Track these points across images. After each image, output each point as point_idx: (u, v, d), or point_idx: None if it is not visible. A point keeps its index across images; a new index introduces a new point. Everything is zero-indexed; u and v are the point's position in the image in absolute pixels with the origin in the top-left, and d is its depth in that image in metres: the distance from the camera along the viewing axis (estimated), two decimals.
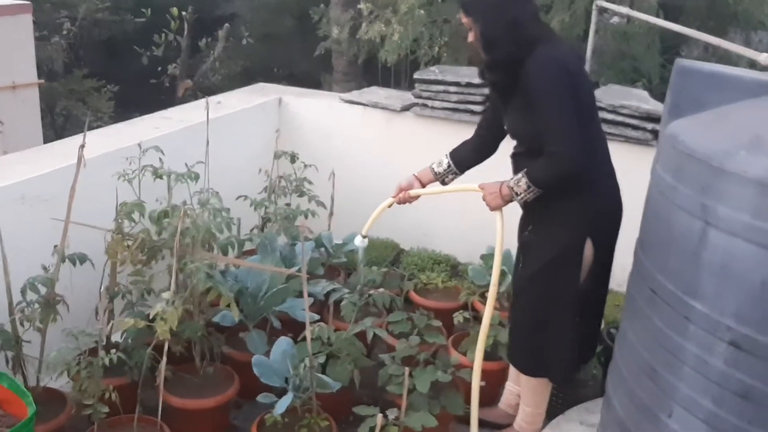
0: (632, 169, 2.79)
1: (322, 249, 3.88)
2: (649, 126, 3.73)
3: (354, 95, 4.51)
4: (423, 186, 2.95)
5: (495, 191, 2.61)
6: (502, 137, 2.84)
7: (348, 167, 4.15)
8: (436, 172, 2.93)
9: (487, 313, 2.69)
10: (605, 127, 3.67)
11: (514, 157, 2.72)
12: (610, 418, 2.41)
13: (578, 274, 2.62)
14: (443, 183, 2.94)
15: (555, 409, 3.06)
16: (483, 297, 3.68)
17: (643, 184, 2.37)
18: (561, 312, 2.66)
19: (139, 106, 7.53)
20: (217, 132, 3.52)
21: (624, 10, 5.43)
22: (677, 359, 2.03)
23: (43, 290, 2.66)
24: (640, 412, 2.19)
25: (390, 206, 2.98)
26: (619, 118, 3.77)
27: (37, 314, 2.63)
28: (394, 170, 4.28)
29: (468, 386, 2.80)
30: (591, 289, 2.70)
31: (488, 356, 3.09)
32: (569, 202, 2.57)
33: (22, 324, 2.62)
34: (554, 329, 2.69)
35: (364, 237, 3.08)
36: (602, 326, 3.29)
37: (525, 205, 2.65)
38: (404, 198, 2.94)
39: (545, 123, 2.45)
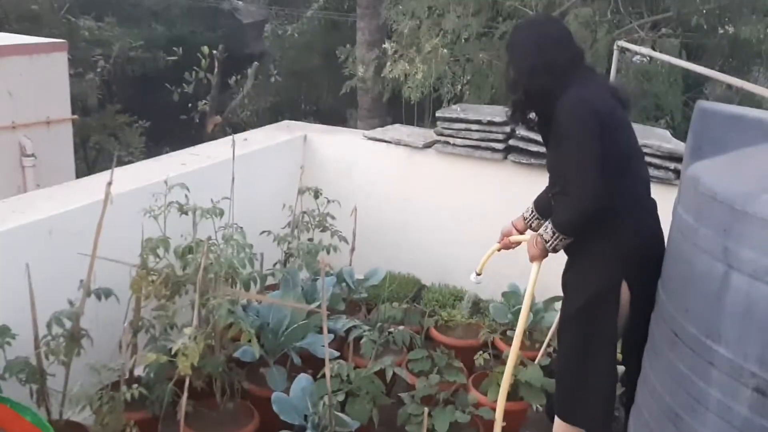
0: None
1: (344, 284, 3.87)
2: (671, 165, 3.70)
3: (377, 132, 4.54)
4: (519, 232, 2.98)
5: (531, 242, 2.64)
6: None
7: (370, 203, 4.16)
8: (524, 218, 2.97)
9: (512, 357, 2.66)
10: None
11: (554, 197, 2.69)
12: None
13: (614, 319, 2.54)
14: (531, 228, 2.94)
15: None
16: (504, 335, 3.64)
17: (665, 224, 2.34)
18: (597, 357, 2.57)
19: (170, 141, 7.67)
20: (243, 168, 3.55)
21: (645, 50, 5.43)
22: (700, 404, 1.97)
23: (68, 324, 2.67)
24: None
25: (498, 251, 3.05)
26: None
27: (62, 348, 2.64)
28: (416, 206, 4.28)
29: (487, 426, 2.74)
30: (632, 335, 2.60)
31: (508, 396, 3.04)
32: (601, 243, 2.52)
33: (47, 357, 2.63)
34: (590, 375, 2.59)
35: (479, 274, 3.15)
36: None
37: (565, 249, 2.63)
38: (507, 244, 2.99)
39: (566, 163, 2.45)
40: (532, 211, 2.94)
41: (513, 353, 2.65)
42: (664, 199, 2.75)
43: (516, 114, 2.66)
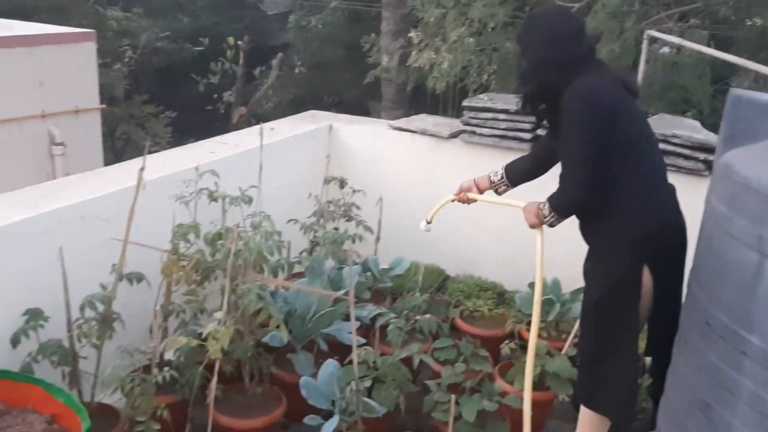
0: (684, 199, 2.72)
1: (369, 273, 3.88)
2: (701, 156, 3.65)
3: (402, 122, 4.53)
4: (480, 191, 3.04)
5: (532, 210, 2.65)
6: (556, 161, 2.82)
7: (395, 193, 4.16)
8: (491, 181, 3.01)
9: (532, 339, 2.65)
10: None
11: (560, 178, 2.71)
12: None
13: (635, 307, 2.53)
14: (497, 192, 3.01)
15: None
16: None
17: (695, 214, 2.31)
18: (619, 345, 2.57)
19: (195, 132, 7.72)
20: (269, 157, 3.57)
21: (675, 40, 5.36)
22: (732, 395, 1.95)
23: (100, 308, 2.71)
24: None
25: (452, 201, 3.10)
26: (671, 148, 3.69)
27: (94, 331, 2.68)
28: (441, 197, 4.28)
29: (514, 415, 2.74)
30: (658, 322, 2.60)
31: (535, 386, 3.03)
32: (616, 231, 2.52)
33: (79, 340, 2.68)
34: (613, 362, 2.59)
35: (429, 222, 3.21)
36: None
37: (584, 237, 2.65)
38: (463, 198, 3.05)
39: (564, 150, 2.51)
40: (502, 177, 2.97)
41: (533, 337, 2.65)
42: (694, 190, 2.72)
43: (526, 105, 2.70)
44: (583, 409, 2.74)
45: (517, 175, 2.96)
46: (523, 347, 3.30)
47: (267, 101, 12.99)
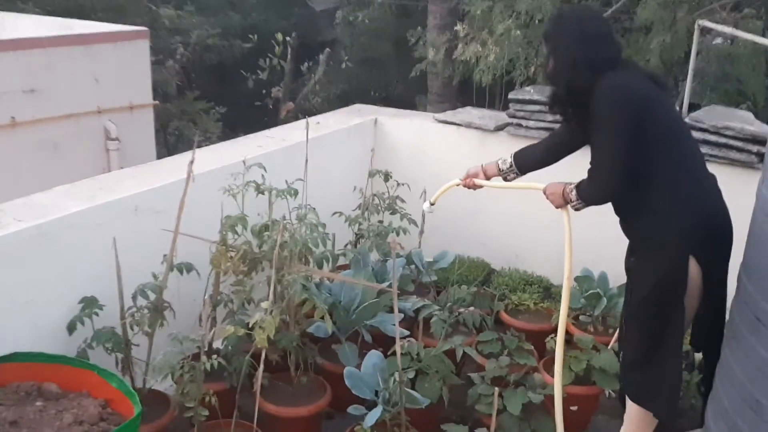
0: (736, 192, 2.65)
1: (413, 266, 3.88)
2: (754, 148, 3.54)
3: (448, 115, 4.51)
4: (487, 178, 3.06)
5: (558, 191, 2.67)
6: (567, 154, 2.89)
7: (440, 186, 4.13)
8: (500, 168, 3.02)
9: (561, 323, 2.66)
10: (707, 149, 3.53)
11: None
12: None
13: (683, 299, 2.48)
14: (505, 179, 3.04)
15: None
16: (577, 320, 3.59)
17: (747, 207, 2.25)
18: (666, 340, 2.53)
19: (245, 127, 7.81)
20: (315, 150, 3.60)
21: (728, 30, 5.20)
22: None
23: (152, 296, 2.78)
24: None
25: (457, 185, 3.13)
26: (723, 140, 3.60)
27: (146, 319, 2.75)
28: (487, 190, 4.25)
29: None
30: (706, 317, 2.56)
31: (580, 381, 3.00)
32: (660, 225, 2.50)
33: (131, 328, 2.75)
34: (660, 358, 2.55)
35: (432, 204, 3.21)
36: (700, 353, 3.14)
37: (627, 234, 2.65)
38: (469, 183, 3.08)
39: (594, 143, 2.51)
40: (511, 165, 2.99)
41: (561, 326, 2.67)
42: (747, 182, 2.65)
43: (555, 106, 2.70)
44: (629, 405, 2.70)
45: (527, 163, 2.98)
46: (569, 341, 3.27)
47: (314, 96, 13.07)
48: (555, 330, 3.45)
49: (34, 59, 6.33)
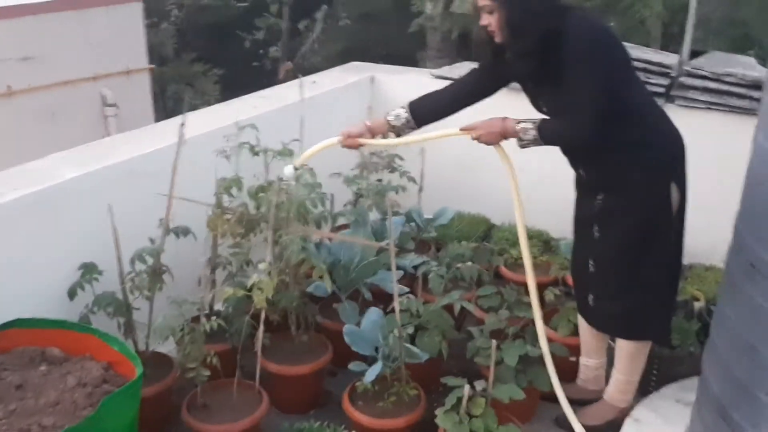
0: (735, 139, 2.64)
1: (413, 224, 3.89)
2: (756, 94, 3.50)
3: (445, 71, 4.46)
4: (373, 136, 2.82)
5: (496, 128, 2.58)
6: (473, 103, 2.81)
7: (438, 143, 4.08)
8: (392, 125, 2.79)
9: (530, 278, 2.71)
10: (706, 97, 3.50)
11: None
12: (706, 396, 2.31)
13: (671, 222, 2.56)
14: (398, 136, 2.82)
15: (649, 386, 2.96)
16: None
17: (746, 154, 2.23)
18: (662, 268, 2.61)
19: (243, 89, 7.74)
20: (311, 110, 3.58)
21: None
22: None
23: (150, 261, 2.80)
24: (738, 390, 2.08)
25: (332, 145, 2.82)
26: (724, 87, 3.56)
27: (145, 283, 2.77)
28: (483, 146, 4.22)
29: (558, 361, 2.75)
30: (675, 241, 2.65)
31: (576, 332, 3.03)
32: (646, 154, 2.51)
33: (132, 292, 2.77)
34: (655, 288, 2.63)
35: (297, 169, 2.83)
36: (701, 302, 3.16)
37: (588, 174, 2.64)
38: (352, 144, 2.81)
39: (574, 88, 2.39)
40: (408, 120, 2.75)
41: (530, 277, 2.71)
42: (747, 129, 2.62)
43: (532, 60, 2.44)
44: (620, 342, 2.78)
45: (427, 114, 2.79)
46: (568, 294, 3.29)
47: (313, 55, 12.95)
48: (554, 283, 3.49)
49: (27, 26, 6.28)
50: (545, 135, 2.50)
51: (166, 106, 11.91)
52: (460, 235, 3.92)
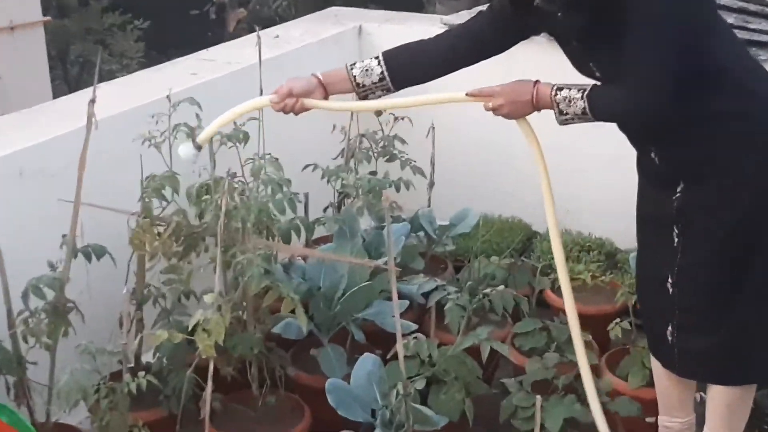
0: None
1: (421, 233, 3.90)
2: None
3: (461, 17, 4.48)
4: (326, 97, 2.73)
5: (523, 98, 2.62)
6: (482, 58, 2.83)
7: (454, 119, 4.12)
8: (357, 83, 2.68)
9: (569, 303, 2.73)
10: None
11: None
12: None
13: None
14: (364, 98, 2.73)
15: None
16: None
17: None
18: (752, 286, 2.60)
19: (178, 48, 7.77)
20: (275, 76, 3.57)
21: None
22: None
23: (50, 294, 2.80)
24: None
25: (257, 108, 2.79)
26: None
27: (44, 326, 2.77)
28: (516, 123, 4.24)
29: (629, 423, 2.76)
30: None
31: (652, 381, 3.04)
32: (746, 125, 2.51)
33: (25, 340, 2.77)
34: (761, 313, 2.62)
35: (199, 148, 2.71)
36: None
37: (664, 158, 2.64)
38: (291, 106, 2.69)
39: (640, 41, 2.40)
40: (382, 78, 2.67)
41: (568, 298, 2.73)
42: None
43: (582, 14, 2.47)
44: (713, 391, 2.77)
45: (409, 71, 2.74)
46: (640, 326, 3.30)
47: (275, 0, 12.99)
48: (621, 313, 3.50)
49: None
50: (599, 107, 2.51)
51: (68, 73, 11.92)
52: (488, 248, 3.92)
